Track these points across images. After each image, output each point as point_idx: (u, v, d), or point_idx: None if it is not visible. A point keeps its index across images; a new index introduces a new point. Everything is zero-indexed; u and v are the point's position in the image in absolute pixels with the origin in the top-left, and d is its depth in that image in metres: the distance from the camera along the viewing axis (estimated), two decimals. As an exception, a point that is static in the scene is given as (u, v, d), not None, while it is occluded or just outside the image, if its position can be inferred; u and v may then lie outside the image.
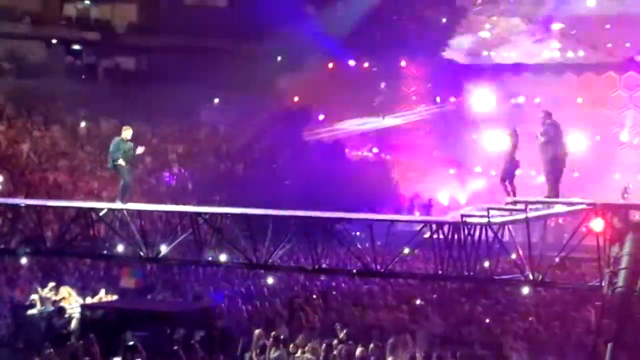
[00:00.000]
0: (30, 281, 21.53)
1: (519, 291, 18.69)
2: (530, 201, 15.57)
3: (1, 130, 32.87)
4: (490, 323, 18.61)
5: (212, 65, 38.10)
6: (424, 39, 38.93)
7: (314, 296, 21.37)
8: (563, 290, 19.36)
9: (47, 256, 21.24)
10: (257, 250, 16.97)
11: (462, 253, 15.54)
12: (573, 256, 16.17)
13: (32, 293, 20.00)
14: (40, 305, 19.26)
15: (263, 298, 20.96)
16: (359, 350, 15.91)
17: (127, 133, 18.29)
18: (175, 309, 19.32)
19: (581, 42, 38.72)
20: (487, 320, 18.84)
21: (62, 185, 30.32)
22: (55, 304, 19.05)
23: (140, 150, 18.39)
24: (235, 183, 34.21)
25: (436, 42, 39.72)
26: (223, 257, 18.11)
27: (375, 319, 19.03)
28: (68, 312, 18.61)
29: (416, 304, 20.54)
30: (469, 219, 15.60)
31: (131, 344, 15.79)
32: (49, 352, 15.37)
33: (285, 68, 39.32)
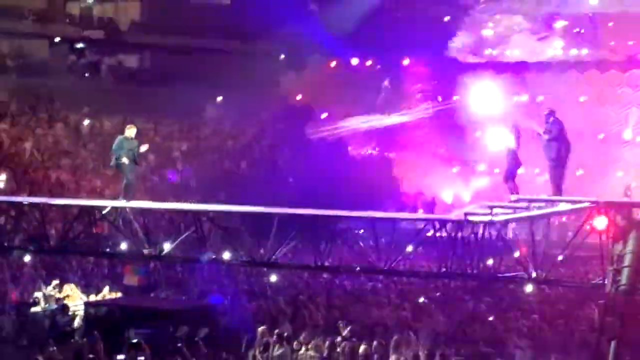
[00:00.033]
0: (34, 279, 21.53)
1: (522, 289, 18.66)
2: (534, 199, 15.60)
3: (4, 128, 32.88)
4: (494, 321, 18.60)
5: (216, 63, 38.07)
6: (427, 37, 38.83)
7: (317, 294, 21.38)
8: (566, 288, 19.33)
9: (51, 254, 21.26)
10: (261, 248, 17.00)
11: (466, 251, 15.55)
12: (577, 254, 16.21)
13: (36, 291, 20.02)
14: (44, 303, 19.29)
15: (266, 296, 20.95)
16: (362, 348, 15.92)
17: (131, 131, 18.33)
18: (178, 306, 19.33)
19: (584, 40, 38.63)
20: (491, 318, 18.84)
21: (65, 184, 30.32)
22: (59, 302, 19.07)
23: (143, 148, 18.43)
24: (238, 181, 34.17)
25: (439, 40, 39.63)
26: (226, 255, 18.13)
27: (379, 316, 19.02)
28: (72, 310, 18.64)
29: (420, 301, 20.54)
30: (472, 217, 15.62)
31: (135, 341, 15.79)
32: (52, 350, 15.40)
33: (288, 66, 39.28)
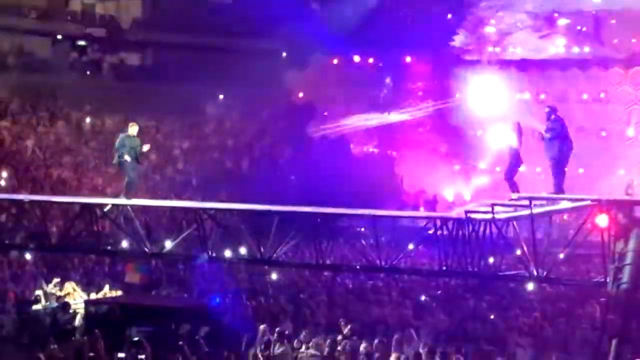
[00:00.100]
0: (35, 277, 21.52)
1: (523, 287, 18.67)
2: (535, 197, 15.57)
3: (6, 126, 32.90)
4: (495, 319, 18.58)
5: (217, 61, 38.08)
6: (429, 35, 38.79)
7: (318, 292, 21.36)
8: (568, 286, 19.30)
9: (52, 252, 21.27)
10: (262, 246, 16.99)
11: (467, 249, 15.54)
12: (578, 252, 16.19)
13: (37, 289, 20.00)
14: (44, 300, 19.25)
15: (267, 294, 20.93)
16: (363, 346, 15.89)
17: (133, 129, 18.35)
18: (180, 304, 19.30)
19: (586, 38, 38.59)
20: (492, 317, 18.82)
21: (67, 181, 30.33)
22: (60, 300, 19.03)
23: (146, 148, 18.50)
24: (240, 179, 34.16)
25: (442, 38, 39.60)
26: (227, 253, 18.13)
27: (380, 314, 19.00)
28: (73, 308, 18.59)
29: (421, 300, 20.52)
30: (473, 215, 15.60)
31: (136, 339, 15.78)
32: (53, 348, 15.37)
33: (290, 64, 39.24)
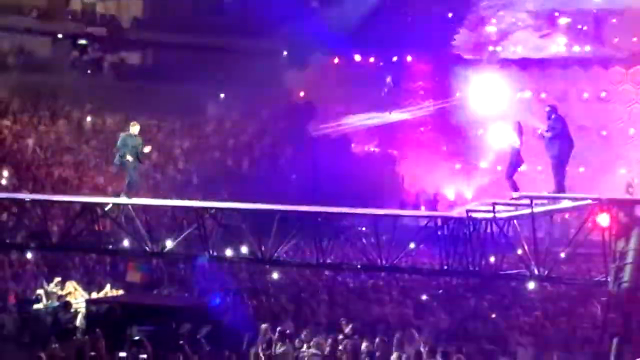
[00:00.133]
0: (36, 276, 21.53)
1: (524, 286, 18.66)
2: (536, 196, 15.57)
3: (7, 125, 32.89)
4: (496, 318, 18.58)
5: (218, 60, 38.07)
6: (430, 34, 38.77)
7: (319, 291, 21.36)
8: (569, 286, 19.30)
9: (53, 251, 21.27)
10: (263, 245, 16.99)
11: (468, 248, 15.54)
12: (579, 251, 16.18)
13: (38, 288, 20.01)
14: (46, 300, 19.26)
15: (268, 293, 20.93)
16: (364, 345, 15.90)
17: (135, 129, 18.39)
18: (181, 303, 19.31)
19: (587, 37, 38.56)
20: (493, 316, 18.81)
21: (68, 180, 30.33)
22: (61, 299, 19.04)
23: (147, 149, 18.56)
24: (240, 178, 34.16)
25: (442, 37, 39.59)
26: (228, 252, 18.14)
27: (381, 314, 19.00)
28: (74, 307, 18.60)
29: (422, 299, 20.52)
30: (474, 214, 15.60)
31: (137, 338, 15.78)
32: (54, 347, 15.37)
33: (291, 64, 39.23)
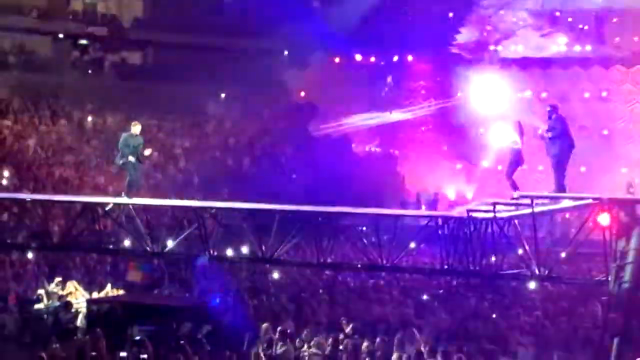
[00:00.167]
0: (37, 276, 21.53)
1: (525, 286, 18.64)
2: (537, 196, 15.56)
3: (7, 125, 32.91)
4: (497, 318, 18.57)
5: (218, 60, 38.10)
6: (431, 34, 38.77)
7: (320, 291, 21.35)
8: (569, 285, 19.29)
9: (54, 251, 21.27)
10: (263, 245, 16.99)
11: (469, 248, 15.53)
12: (580, 251, 16.17)
13: (39, 288, 20.01)
14: (46, 300, 19.26)
15: (269, 293, 20.93)
16: (365, 345, 15.89)
17: (136, 128, 18.39)
18: (181, 303, 19.31)
19: (588, 36, 38.56)
20: (494, 315, 18.81)
21: (69, 180, 30.34)
22: (62, 299, 19.04)
23: (147, 152, 18.58)
24: (241, 178, 34.15)
25: (443, 36, 39.59)
26: (229, 252, 18.13)
27: (381, 313, 18.99)
28: (74, 307, 18.60)
29: (422, 299, 20.51)
30: (475, 214, 15.60)
31: (137, 338, 15.78)
32: (55, 347, 15.37)
33: (291, 63, 39.27)
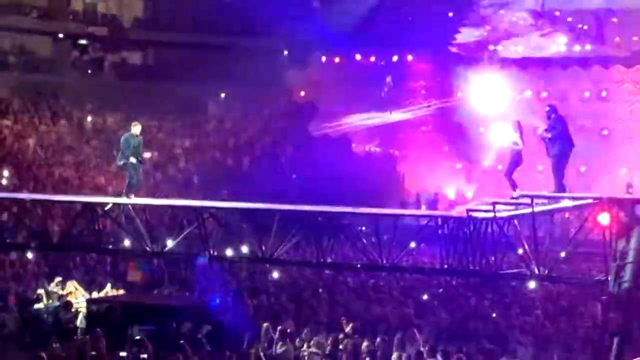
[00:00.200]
0: (37, 276, 21.53)
1: (525, 286, 18.65)
2: (536, 195, 15.57)
3: (7, 125, 32.92)
4: (497, 318, 18.59)
5: (219, 59, 38.06)
6: (431, 34, 38.75)
7: (320, 290, 21.36)
8: (569, 285, 19.31)
9: (54, 251, 21.28)
10: (263, 245, 17.00)
11: (468, 247, 15.54)
12: (579, 251, 16.18)
13: (39, 288, 20.01)
14: (46, 299, 19.26)
15: (269, 293, 20.94)
16: (365, 345, 15.90)
17: (137, 129, 18.40)
18: (181, 303, 19.31)
19: (588, 36, 38.53)
20: (494, 315, 18.82)
21: (68, 180, 30.34)
22: (62, 299, 19.05)
23: (147, 155, 18.54)
24: (241, 177, 34.16)
25: (443, 36, 39.57)
26: (229, 252, 18.14)
27: (381, 313, 19.00)
28: (74, 307, 18.60)
29: (422, 298, 20.52)
30: (474, 214, 15.60)
31: (137, 338, 15.79)
32: (55, 347, 15.38)
33: (291, 63, 39.25)
